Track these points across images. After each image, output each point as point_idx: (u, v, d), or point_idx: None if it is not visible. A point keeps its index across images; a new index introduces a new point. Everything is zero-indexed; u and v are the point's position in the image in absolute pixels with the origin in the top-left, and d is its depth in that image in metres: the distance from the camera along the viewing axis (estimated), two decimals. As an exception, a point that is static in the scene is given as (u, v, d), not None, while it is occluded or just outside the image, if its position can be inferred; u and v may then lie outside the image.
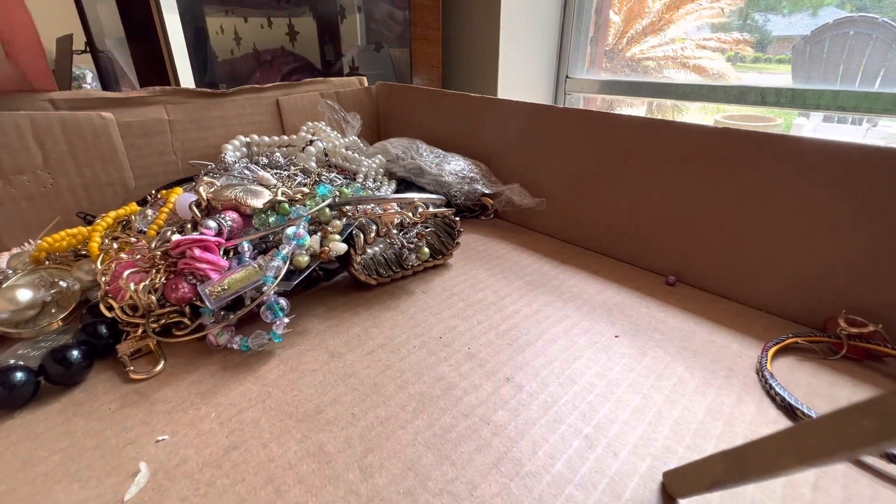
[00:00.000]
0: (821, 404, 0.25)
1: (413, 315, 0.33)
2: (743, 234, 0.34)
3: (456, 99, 0.56)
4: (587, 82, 0.95)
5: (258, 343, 0.28)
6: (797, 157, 0.31)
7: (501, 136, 0.51)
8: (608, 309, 0.34)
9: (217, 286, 0.27)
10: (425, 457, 0.22)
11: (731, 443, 0.22)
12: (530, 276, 0.39)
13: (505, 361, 0.28)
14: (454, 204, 0.49)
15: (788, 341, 0.29)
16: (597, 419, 0.24)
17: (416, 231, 0.37)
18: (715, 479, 0.17)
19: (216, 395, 0.25)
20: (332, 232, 0.32)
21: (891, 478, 0.21)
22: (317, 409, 0.24)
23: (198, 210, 0.32)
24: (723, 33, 1.24)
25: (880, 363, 0.28)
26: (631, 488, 0.20)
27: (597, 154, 0.42)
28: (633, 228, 0.40)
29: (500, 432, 0.23)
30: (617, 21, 1.35)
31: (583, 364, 0.28)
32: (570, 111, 0.44)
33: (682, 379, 0.27)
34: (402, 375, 0.27)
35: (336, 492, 0.20)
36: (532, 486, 0.20)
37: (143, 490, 0.20)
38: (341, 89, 0.64)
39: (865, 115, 0.64)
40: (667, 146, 0.37)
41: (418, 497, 0.20)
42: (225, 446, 0.22)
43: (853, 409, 0.13)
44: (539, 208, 0.46)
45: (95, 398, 0.25)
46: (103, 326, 0.28)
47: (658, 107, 1.32)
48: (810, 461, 0.14)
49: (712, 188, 0.35)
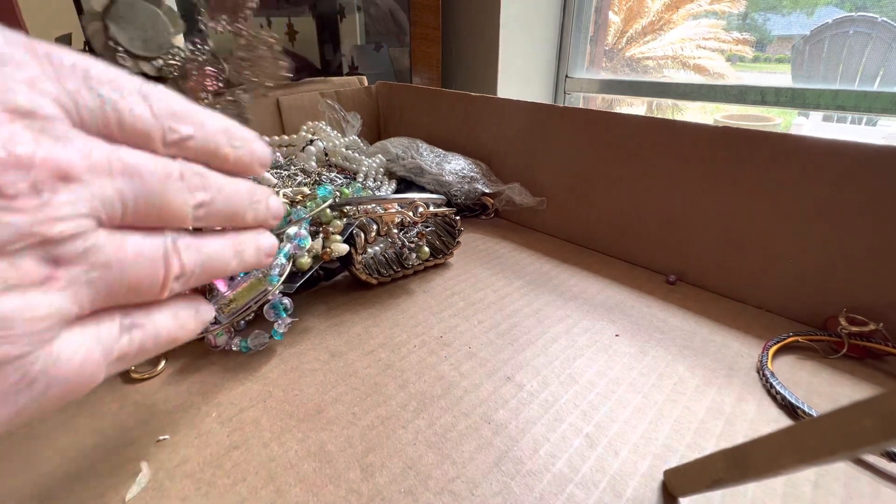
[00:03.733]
0: (821, 403, 0.25)
1: (414, 314, 0.33)
2: (743, 233, 0.34)
3: (456, 98, 0.56)
4: (587, 82, 0.95)
5: (258, 343, 0.28)
6: (797, 156, 0.31)
7: (501, 136, 0.51)
8: (609, 308, 0.34)
9: (225, 299, 0.28)
10: (426, 456, 0.22)
11: (731, 441, 0.22)
12: (531, 276, 0.39)
13: (505, 360, 0.28)
14: (454, 203, 0.49)
15: (789, 340, 0.29)
16: (598, 418, 0.24)
17: (417, 230, 0.37)
18: (716, 478, 0.17)
19: (217, 395, 0.25)
20: (333, 232, 0.32)
21: (892, 476, 0.21)
22: (317, 409, 0.24)
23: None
24: (722, 33, 1.24)
25: (881, 362, 0.28)
26: (632, 487, 0.20)
27: (597, 153, 0.42)
28: (633, 227, 0.40)
29: (500, 431, 0.23)
30: (617, 21, 1.35)
31: (583, 363, 0.28)
32: (571, 110, 0.44)
33: (683, 378, 0.27)
34: (403, 375, 0.27)
35: (337, 491, 0.20)
36: (533, 485, 0.20)
37: (144, 490, 0.20)
38: (341, 89, 0.64)
39: (865, 114, 0.64)
40: (667, 145, 0.37)
41: (419, 496, 0.20)
42: (226, 446, 0.22)
43: (854, 407, 0.13)
44: (539, 207, 0.46)
45: (97, 398, 0.25)
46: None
47: (658, 106, 1.32)
48: (811, 460, 0.14)
49: (713, 187, 0.35)
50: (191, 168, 0.14)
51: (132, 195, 0.12)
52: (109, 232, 0.12)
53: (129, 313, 0.13)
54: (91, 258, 0.12)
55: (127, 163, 0.12)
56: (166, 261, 0.13)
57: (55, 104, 0.11)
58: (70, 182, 0.11)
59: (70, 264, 0.11)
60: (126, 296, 0.13)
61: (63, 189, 0.11)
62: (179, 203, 0.13)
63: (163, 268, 0.13)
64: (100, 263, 0.12)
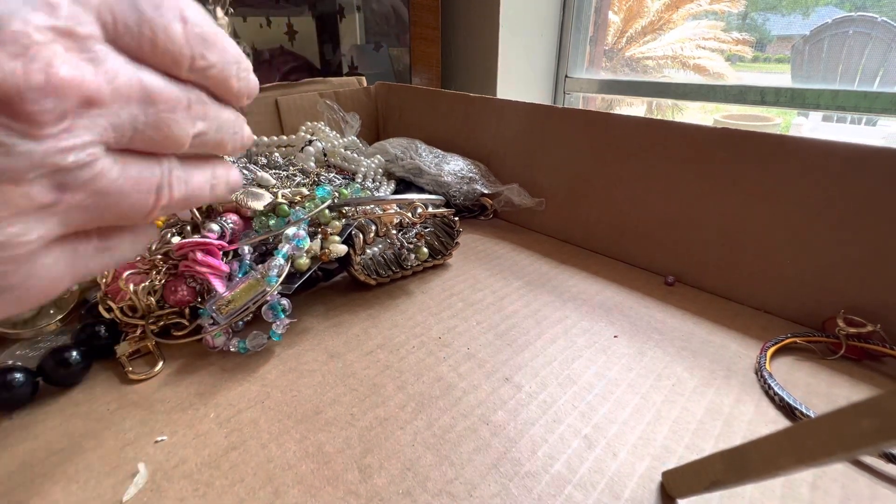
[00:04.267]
0: (819, 404, 0.25)
1: (412, 315, 0.33)
2: (742, 234, 0.34)
3: (455, 99, 0.56)
4: (586, 82, 0.95)
5: (256, 344, 0.28)
6: (796, 157, 0.31)
7: (501, 136, 0.51)
8: (607, 309, 0.34)
9: (223, 300, 0.28)
10: (424, 457, 0.22)
11: (730, 443, 0.22)
12: (529, 277, 0.39)
13: (504, 361, 0.28)
14: (453, 204, 0.48)
15: (787, 341, 0.29)
16: (596, 419, 0.24)
17: (416, 231, 0.37)
18: (714, 479, 0.17)
19: (215, 396, 0.25)
20: (331, 233, 0.32)
21: (889, 478, 0.21)
22: (316, 410, 0.24)
23: (197, 212, 0.32)
24: (722, 33, 1.24)
25: (879, 363, 0.28)
26: (630, 488, 0.20)
27: (596, 154, 0.42)
28: (632, 228, 0.40)
29: (499, 432, 0.23)
30: (616, 21, 1.35)
31: (582, 364, 0.28)
32: (570, 111, 0.44)
33: (681, 379, 0.27)
34: (402, 376, 0.27)
35: (335, 492, 0.20)
36: (531, 487, 0.20)
37: (141, 491, 0.20)
38: (340, 89, 0.64)
39: (864, 114, 0.64)
40: (667, 146, 0.37)
41: (417, 497, 0.20)
42: (224, 447, 0.22)
43: (852, 408, 0.13)
44: (538, 208, 0.46)
45: (94, 399, 0.25)
46: (102, 327, 0.28)
47: (658, 106, 1.32)
48: (809, 461, 0.14)
49: (712, 188, 0.35)
50: (199, 97, 0.14)
51: (142, 122, 0.12)
52: (113, 159, 0.12)
53: (106, 237, 0.13)
54: (93, 185, 0.11)
55: (147, 88, 0.12)
56: (159, 192, 0.13)
57: (95, 19, 0.11)
58: (91, 108, 0.11)
59: (74, 191, 0.11)
60: (112, 220, 0.13)
61: (84, 115, 0.11)
62: (182, 132, 0.13)
63: (154, 198, 0.13)
64: (100, 190, 0.12)
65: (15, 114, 0.10)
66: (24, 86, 0.09)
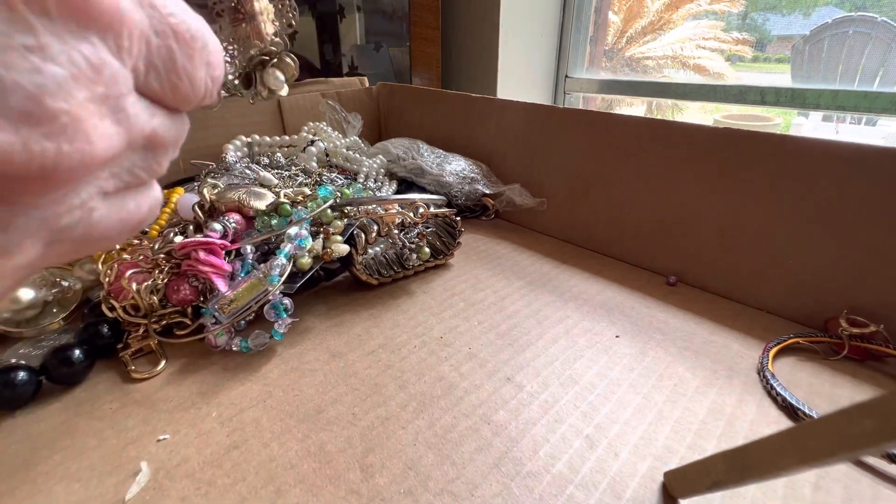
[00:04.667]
0: (822, 404, 0.25)
1: (414, 315, 0.33)
2: (743, 235, 0.34)
3: (456, 99, 0.56)
4: (587, 82, 0.95)
5: (258, 343, 0.28)
6: (797, 157, 0.31)
7: (502, 136, 0.51)
8: (609, 309, 0.34)
9: (226, 299, 0.28)
10: (426, 457, 0.22)
11: (732, 443, 0.22)
12: (531, 276, 0.39)
13: (505, 361, 0.28)
14: (455, 204, 0.49)
15: (789, 341, 0.29)
16: (598, 419, 0.24)
17: (418, 231, 0.37)
18: (716, 480, 0.17)
19: (217, 395, 0.25)
20: (333, 233, 0.32)
21: (892, 478, 0.21)
22: (317, 409, 0.24)
23: (200, 211, 0.32)
24: (722, 33, 1.24)
25: (882, 363, 0.28)
26: (632, 488, 0.20)
27: (597, 154, 0.42)
28: (633, 228, 0.40)
29: (500, 432, 0.23)
30: (616, 21, 1.35)
31: (583, 364, 0.28)
32: (571, 111, 0.44)
33: (683, 379, 0.27)
34: (403, 375, 0.27)
35: (337, 491, 0.20)
36: (533, 486, 0.20)
37: (144, 489, 0.20)
38: (342, 89, 0.64)
39: (864, 114, 0.64)
40: (667, 146, 0.37)
41: (419, 497, 0.20)
42: (226, 446, 0.22)
43: (854, 409, 0.13)
44: (539, 208, 0.46)
45: (97, 397, 0.25)
46: (105, 326, 0.28)
47: (658, 106, 1.32)
48: (811, 461, 0.14)
49: (712, 188, 0.35)
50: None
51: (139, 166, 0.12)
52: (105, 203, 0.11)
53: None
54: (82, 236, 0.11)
55: (156, 135, 0.11)
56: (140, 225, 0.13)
57: (131, 70, 0.10)
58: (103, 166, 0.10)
59: (62, 244, 0.11)
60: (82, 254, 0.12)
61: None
62: (166, 167, 0.13)
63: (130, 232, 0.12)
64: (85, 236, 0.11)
65: (27, 191, 0.09)
66: (52, 167, 0.09)
